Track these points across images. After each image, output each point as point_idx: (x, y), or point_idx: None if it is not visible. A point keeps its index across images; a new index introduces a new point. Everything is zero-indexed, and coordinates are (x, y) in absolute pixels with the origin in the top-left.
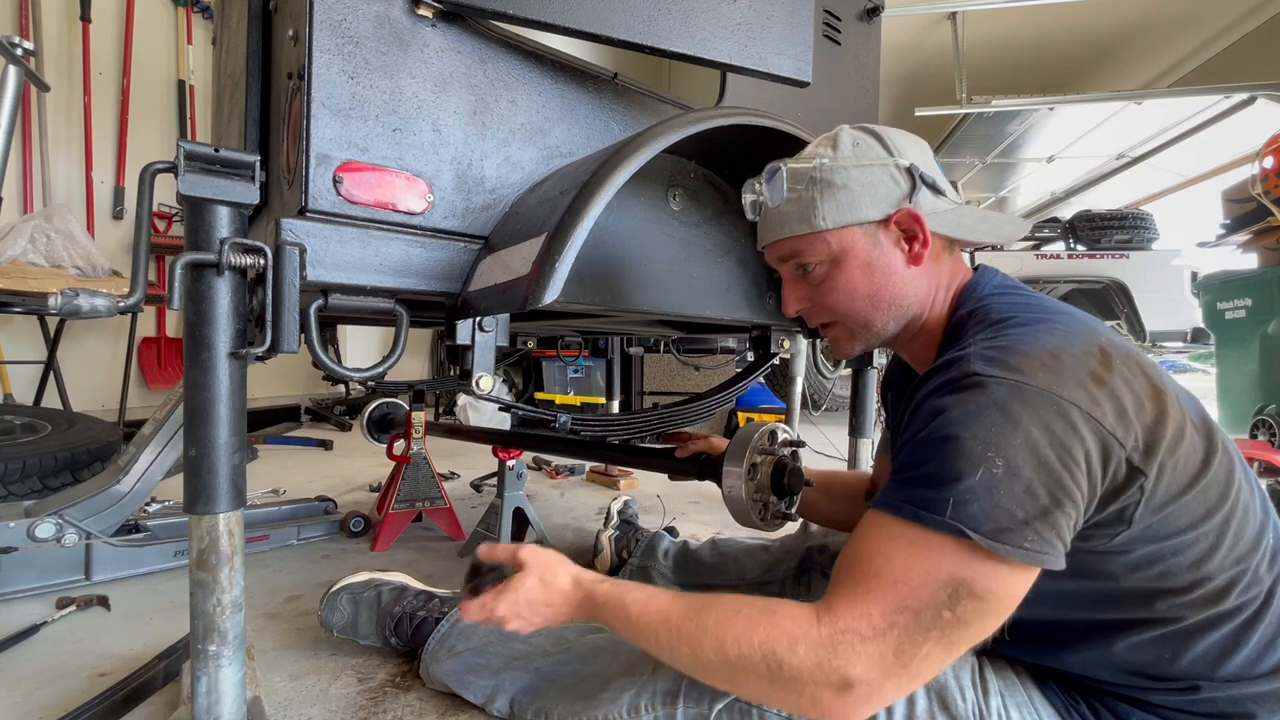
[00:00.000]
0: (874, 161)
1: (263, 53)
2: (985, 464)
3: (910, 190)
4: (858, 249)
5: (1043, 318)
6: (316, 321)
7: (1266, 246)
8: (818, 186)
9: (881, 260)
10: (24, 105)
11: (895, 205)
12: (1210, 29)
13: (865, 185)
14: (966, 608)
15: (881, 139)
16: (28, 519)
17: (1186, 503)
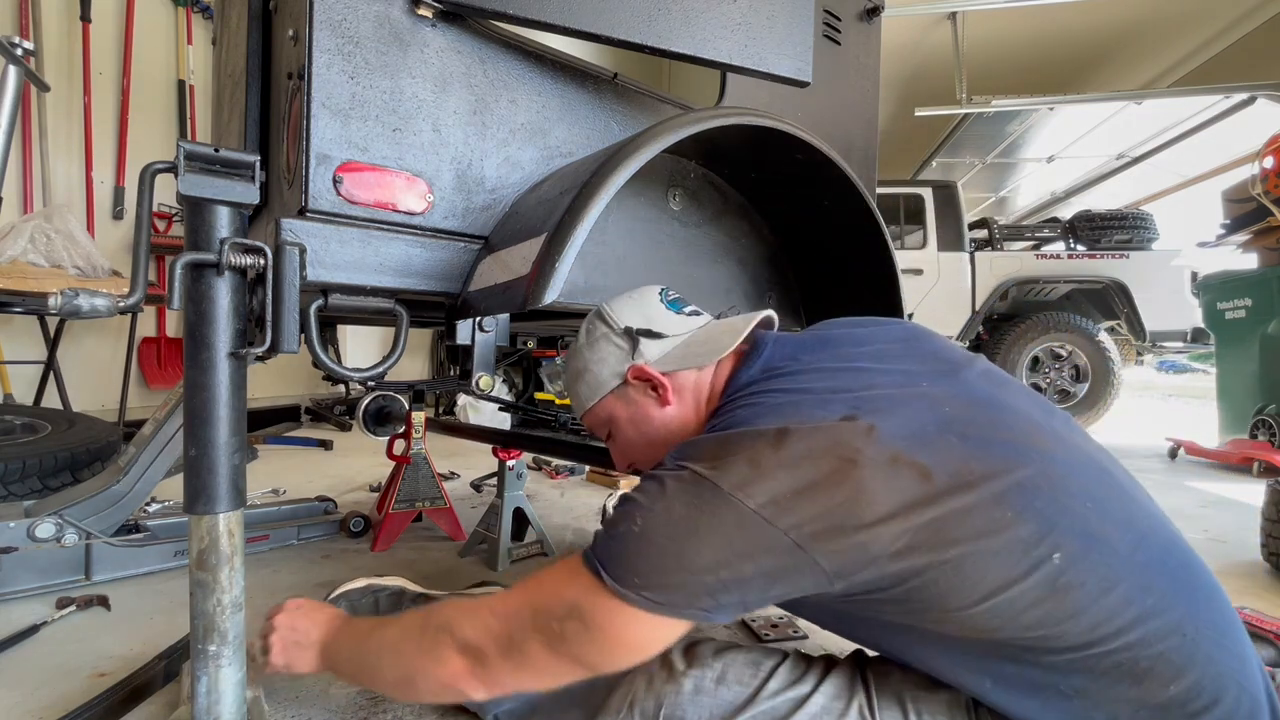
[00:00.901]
0: (599, 337)
1: (263, 53)
2: (627, 521)
3: (631, 348)
4: (617, 412)
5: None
6: (316, 321)
7: (1266, 246)
8: (571, 376)
9: (640, 412)
10: (24, 105)
11: (624, 364)
12: (1210, 29)
13: (599, 361)
14: (571, 627)
15: (603, 315)
16: (28, 519)
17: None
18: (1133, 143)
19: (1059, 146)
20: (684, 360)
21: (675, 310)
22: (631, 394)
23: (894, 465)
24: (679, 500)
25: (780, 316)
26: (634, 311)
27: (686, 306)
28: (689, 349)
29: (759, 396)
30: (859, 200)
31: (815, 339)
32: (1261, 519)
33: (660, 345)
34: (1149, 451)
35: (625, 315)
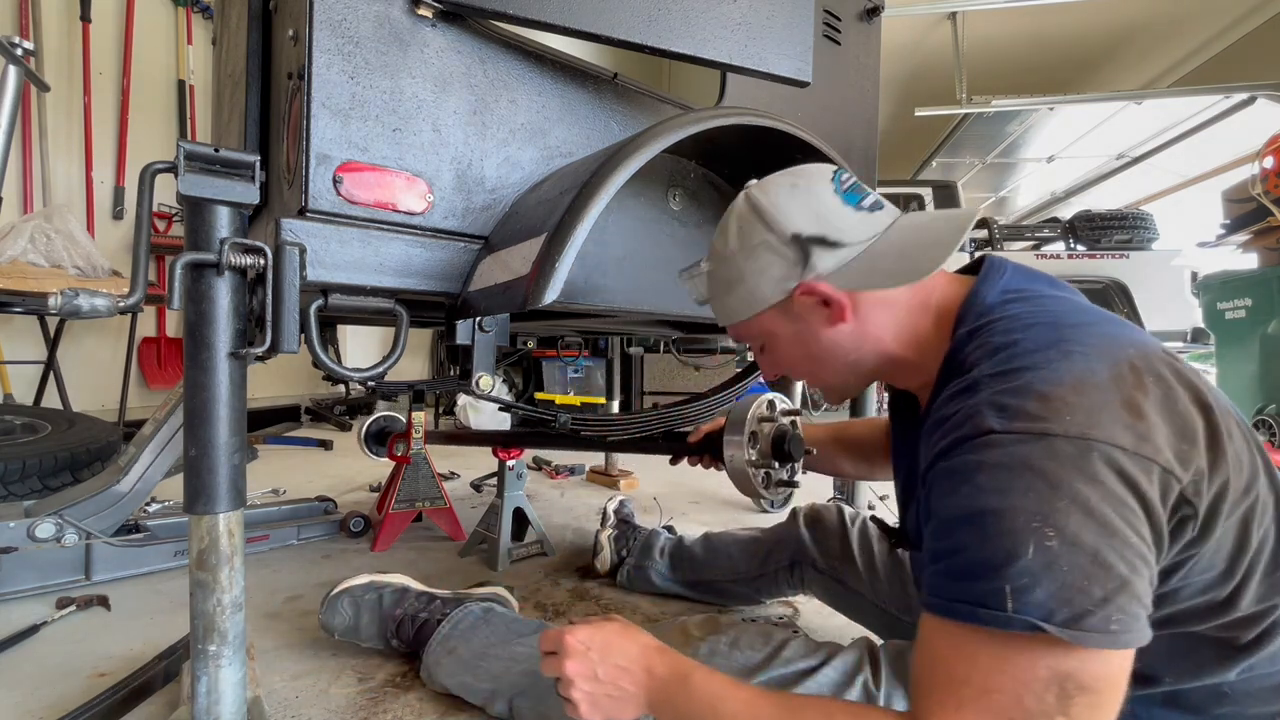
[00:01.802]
0: (758, 244)
1: (263, 53)
2: (1035, 537)
3: (801, 260)
4: (778, 329)
5: (1057, 338)
6: (316, 321)
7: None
8: (720, 285)
9: (805, 330)
10: (24, 105)
11: (793, 279)
12: (1210, 29)
13: (756, 272)
14: (1080, 705)
15: (761, 213)
16: (28, 519)
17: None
18: (1133, 143)
19: (1059, 146)
20: (870, 277)
21: (853, 203)
22: (797, 310)
23: (1232, 428)
24: (1081, 480)
25: None
26: (802, 209)
27: (866, 196)
28: (875, 262)
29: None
30: None
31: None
32: None
33: (837, 255)
34: None
35: (791, 215)
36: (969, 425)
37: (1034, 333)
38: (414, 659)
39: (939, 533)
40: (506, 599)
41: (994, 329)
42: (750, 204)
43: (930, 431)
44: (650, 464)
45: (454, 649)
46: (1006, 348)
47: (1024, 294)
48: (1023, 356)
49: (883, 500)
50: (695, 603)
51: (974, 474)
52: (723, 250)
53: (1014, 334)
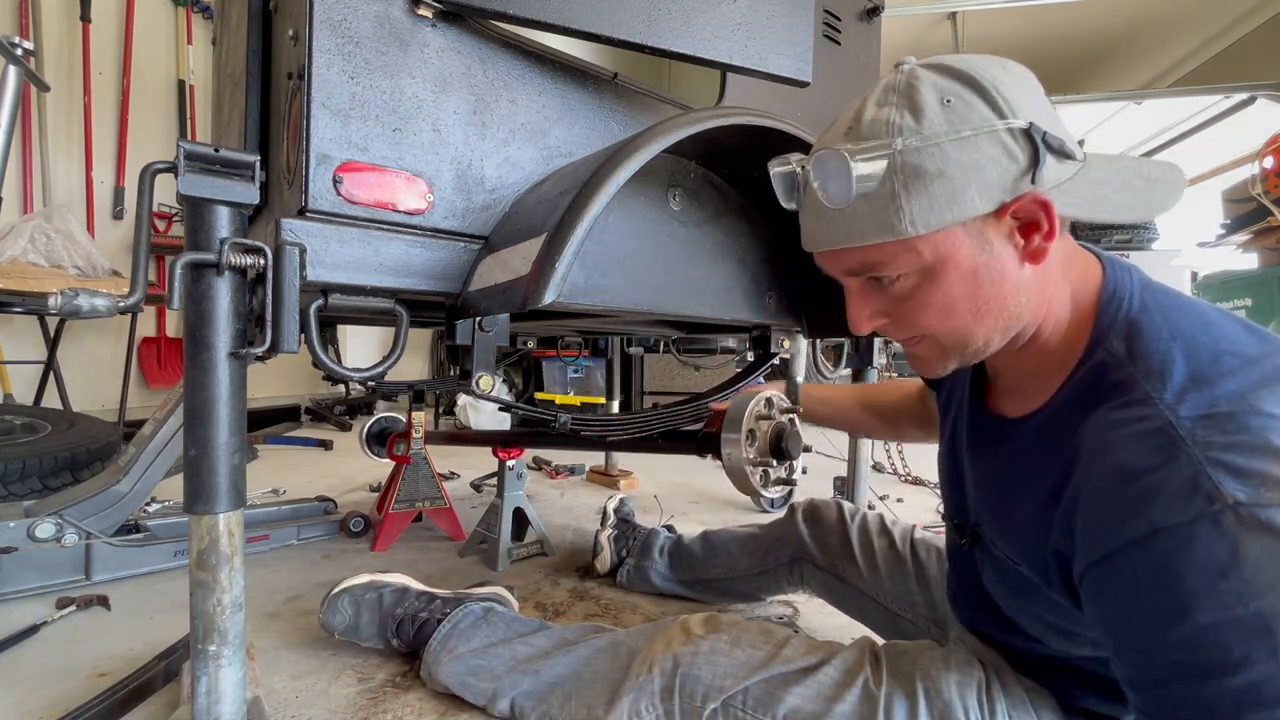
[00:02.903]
0: (979, 129)
1: (263, 53)
2: None
3: (1032, 163)
4: (960, 255)
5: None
6: (316, 321)
7: (1266, 246)
8: (901, 177)
9: (991, 265)
10: (24, 105)
11: (1013, 189)
12: (1210, 29)
13: (969, 167)
14: None
15: (982, 88)
16: (28, 519)
17: None
18: (1133, 143)
19: None
20: (1095, 204)
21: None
22: (992, 233)
23: None
24: None
25: (780, 317)
26: (1032, 97)
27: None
28: (1098, 190)
29: (1216, 341)
30: None
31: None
32: None
33: (1064, 169)
34: None
35: (1020, 96)
36: (1195, 494)
37: (1216, 347)
38: (414, 659)
39: (1127, 624)
40: (507, 599)
41: (1154, 342)
42: (955, 75)
43: (1070, 449)
44: (650, 464)
45: (454, 648)
46: (1200, 378)
47: (1166, 293)
48: (1229, 393)
49: (883, 500)
50: (695, 602)
51: (1236, 564)
52: (916, 127)
53: (1192, 347)
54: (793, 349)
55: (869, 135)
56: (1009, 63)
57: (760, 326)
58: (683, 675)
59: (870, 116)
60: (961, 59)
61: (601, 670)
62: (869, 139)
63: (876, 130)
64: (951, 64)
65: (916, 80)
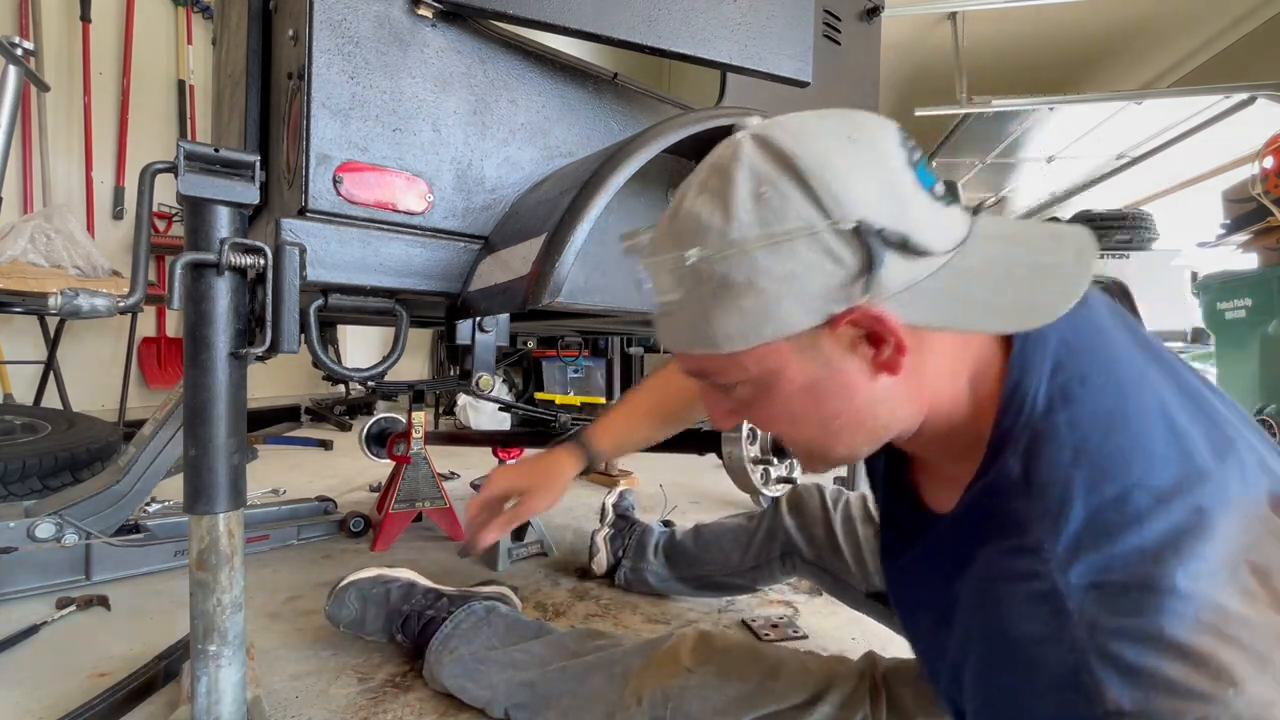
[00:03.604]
0: (794, 232)
1: (263, 53)
2: None
3: (864, 268)
4: (790, 371)
5: (1166, 493)
6: (316, 321)
7: (1266, 246)
8: (708, 287)
9: (831, 380)
10: (24, 105)
11: (842, 299)
12: (1210, 29)
13: (783, 279)
14: None
15: (802, 177)
16: (28, 519)
17: None
18: (1133, 143)
19: (1059, 146)
20: (959, 310)
21: (927, 185)
22: (828, 346)
23: None
24: None
25: None
26: (869, 182)
27: (938, 178)
28: (965, 287)
29: (1118, 458)
30: None
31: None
32: None
33: (913, 269)
34: None
35: (854, 190)
36: (1074, 693)
37: (1134, 485)
38: (415, 657)
39: None
40: (511, 599)
41: (1060, 460)
42: (779, 157)
43: (960, 579)
44: (651, 463)
45: (455, 649)
46: (1099, 527)
47: (1082, 381)
48: (1130, 554)
49: None
50: (695, 598)
51: None
52: (723, 229)
53: (1105, 486)
54: None
55: (678, 235)
56: (858, 127)
57: None
58: (672, 710)
59: (686, 208)
60: (795, 130)
61: (595, 691)
62: (677, 239)
63: (685, 230)
64: (778, 140)
65: (735, 163)
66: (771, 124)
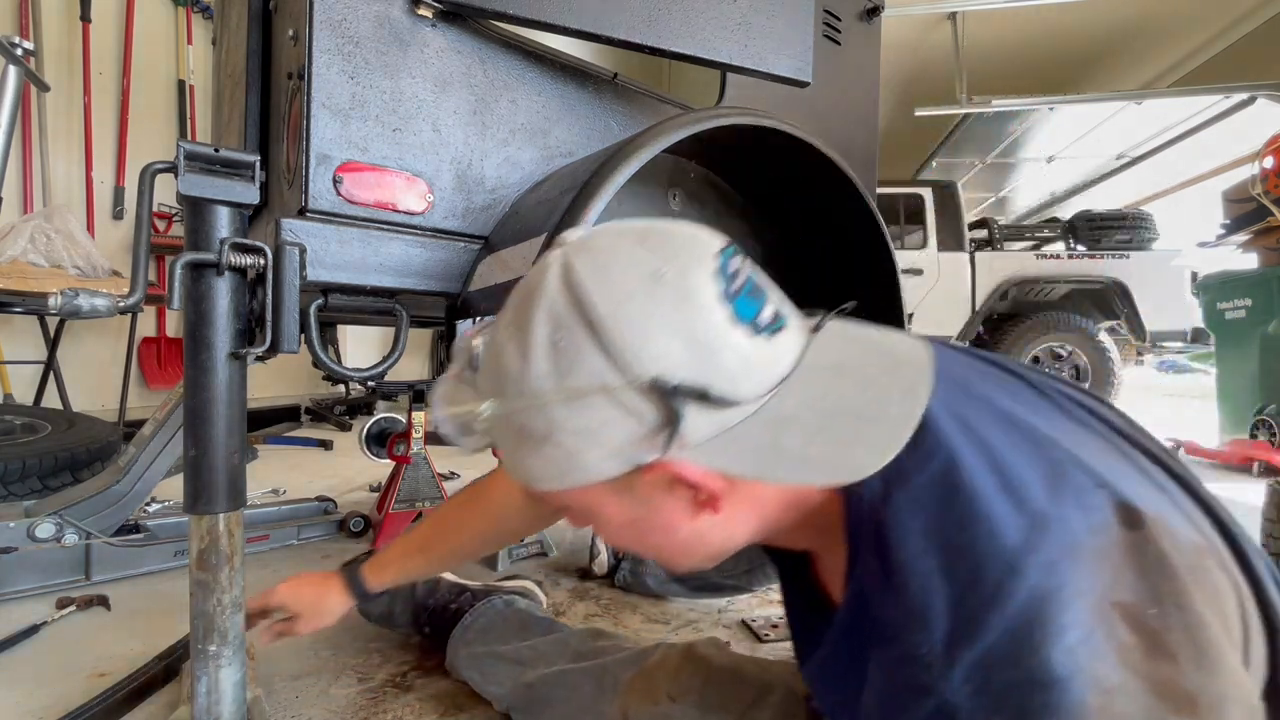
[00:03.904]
0: (588, 389)
1: (263, 53)
2: None
3: (663, 423)
4: (609, 509)
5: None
6: (316, 321)
7: (1266, 246)
8: (509, 433)
9: (652, 518)
10: (24, 105)
11: (646, 451)
12: (1210, 29)
13: (582, 433)
14: None
15: (596, 327)
16: (28, 519)
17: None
18: (1133, 143)
19: (1059, 146)
20: (767, 461)
21: (748, 317)
22: (643, 490)
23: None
24: None
25: None
26: (671, 330)
27: (764, 303)
28: (778, 435)
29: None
30: (859, 200)
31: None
32: (1261, 519)
33: (719, 418)
34: None
35: (653, 341)
36: None
37: (984, 557)
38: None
39: None
40: (533, 593)
41: (912, 551)
42: (575, 301)
43: (861, 681)
44: None
45: (470, 642)
46: (965, 620)
47: (915, 441)
48: (1002, 644)
49: None
50: (694, 599)
51: None
52: (520, 379)
53: (958, 568)
54: None
55: (487, 372)
56: (670, 258)
57: None
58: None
59: (499, 339)
60: (601, 263)
61: (585, 701)
62: (484, 378)
63: (493, 370)
64: (579, 278)
65: (537, 299)
66: (582, 247)
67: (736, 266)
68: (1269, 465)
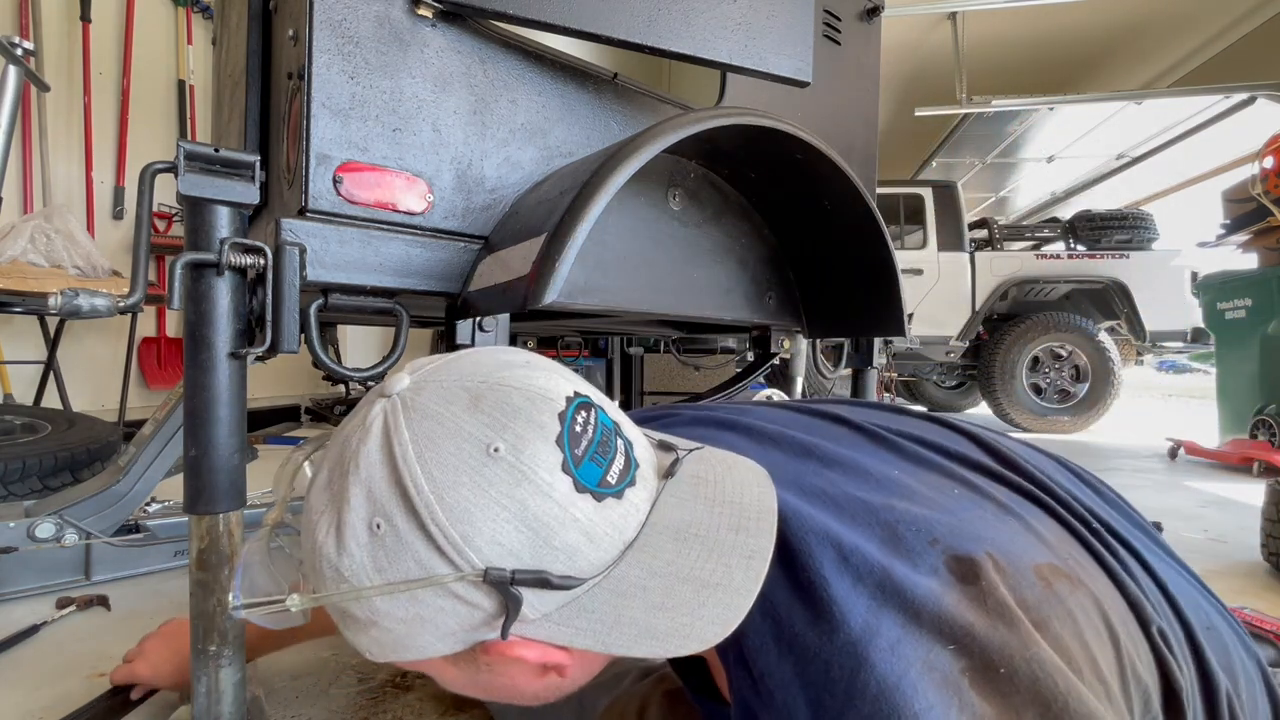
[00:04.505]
0: (413, 582)
1: (263, 53)
2: None
3: (499, 610)
4: (449, 674)
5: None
6: (316, 321)
7: (1266, 246)
8: (330, 609)
9: (497, 683)
10: (24, 105)
11: (484, 632)
12: (1210, 29)
13: (409, 621)
14: None
15: (418, 515)
16: (28, 519)
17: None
18: (1133, 143)
19: (1059, 146)
20: (614, 636)
21: (593, 482)
22: (487, 661)
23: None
24: None
25: (780, 317)
26: (499, 513)
27: (612, 458)
28: (620, 608)
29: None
30: (859, 200)
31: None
32: (1261, 519)
33: (561, 596)
34: (1149, 451)
35: (478, 525)
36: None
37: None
38: None
39: None
40: None
41: (766, 652)
42: (397, 482)
43: None
44: None
45: None
46: (816, 706)
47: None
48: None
49: None
50: None
51: None
52: (335, 563)
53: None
54: (793, 349)
55: (301, 541)
56: (505, 426)
57: (760, 326)
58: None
59: (312, 505)
60: (428, 432)
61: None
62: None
63: (306, 545)
64: (402, 453)
65: (353, 473)
66: (410, 408)
67: (583, 422)
68: (1269, 465)
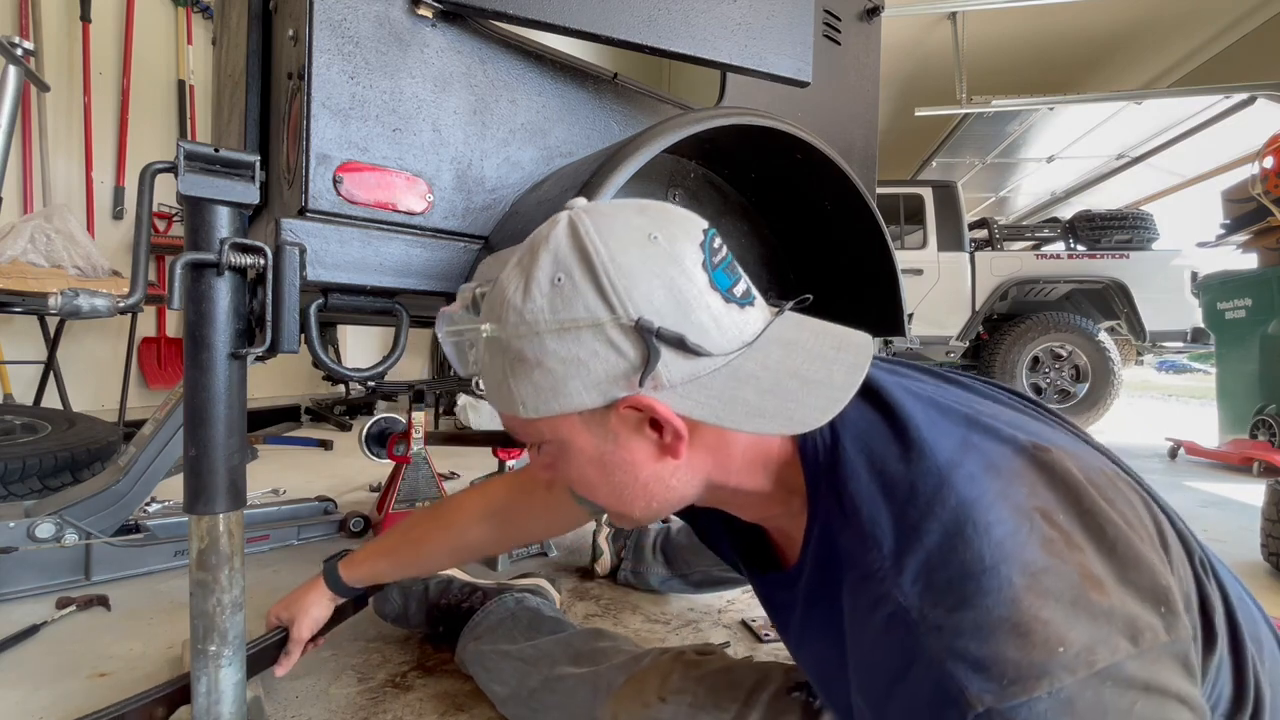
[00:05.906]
0: (579, 322)
1: (263, 53)
2: None
3: (642, 362)
4: (580, 442)
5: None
6: (316, 321)
7: (1266, 246)
8: (504, 358)
9: (618, 455)
10: (24, 105)
11: (622, 387)
12: (1210, 29)
13: (569, 362)
14: None
15: (594, 269)
16: (28, 519)
17: None
18: (1133, 143)
19: (1059, 146)
20: (727, 409)
21: (724, 287)
22: (614, 425)
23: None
24: None
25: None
26: (659, 282)
27: (739, 280)
28: (738, 389)
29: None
30: (859, 200)
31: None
32: (1261, 519)
33: (691, 366)
34: (1149, 451)
35: (642, 288)
36: (947, 705)
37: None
38: (441, 649)
39: None
40: (545, 591)
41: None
42: (579, 247)
43: (840, 613)
44: None
45: (479, 637)
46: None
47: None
48: (940, 545)
49: None
50: (696, 595)
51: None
52: (520, 309)
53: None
54: None
55: (489, 304)
56: (663, 226)
57: None
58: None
59: (504, 278)
60: (605, 222)
61: (578, 707)
62: (486, 308)
63: (492, 301)
64: (585, 230)
65: (545, 245)
66: (592, 209)
67: (718, 246)
68: (1269, 465)
